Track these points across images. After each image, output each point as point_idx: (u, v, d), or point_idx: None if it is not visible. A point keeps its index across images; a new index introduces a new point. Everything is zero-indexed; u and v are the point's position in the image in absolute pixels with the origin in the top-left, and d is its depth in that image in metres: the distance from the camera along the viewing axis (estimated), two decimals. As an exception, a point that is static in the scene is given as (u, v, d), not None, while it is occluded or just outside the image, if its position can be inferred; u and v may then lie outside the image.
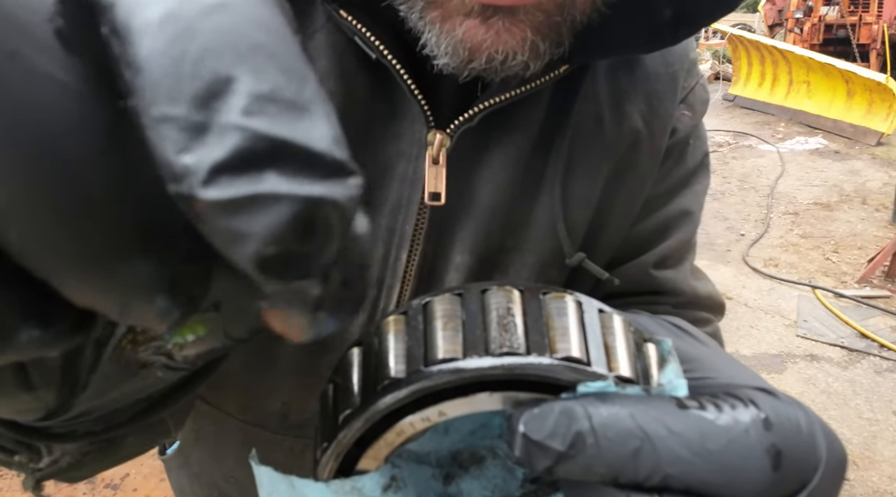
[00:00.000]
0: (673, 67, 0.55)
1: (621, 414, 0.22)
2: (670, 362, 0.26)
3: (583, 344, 0.24)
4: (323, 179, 0.13)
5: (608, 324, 0.26)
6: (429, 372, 0.24)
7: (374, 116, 0.47)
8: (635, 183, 0.54)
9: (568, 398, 0.23)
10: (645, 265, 0.57)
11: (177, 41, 0.13)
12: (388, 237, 0.49)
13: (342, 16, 0.43)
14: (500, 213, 0.50)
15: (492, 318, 0.25)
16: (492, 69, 0.40)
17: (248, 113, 0.13)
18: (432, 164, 0.47)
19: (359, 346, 0.27)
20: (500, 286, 0.26)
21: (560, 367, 0.23)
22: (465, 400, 0.24)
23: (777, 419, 0.23)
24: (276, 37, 0.14)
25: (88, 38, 0.13)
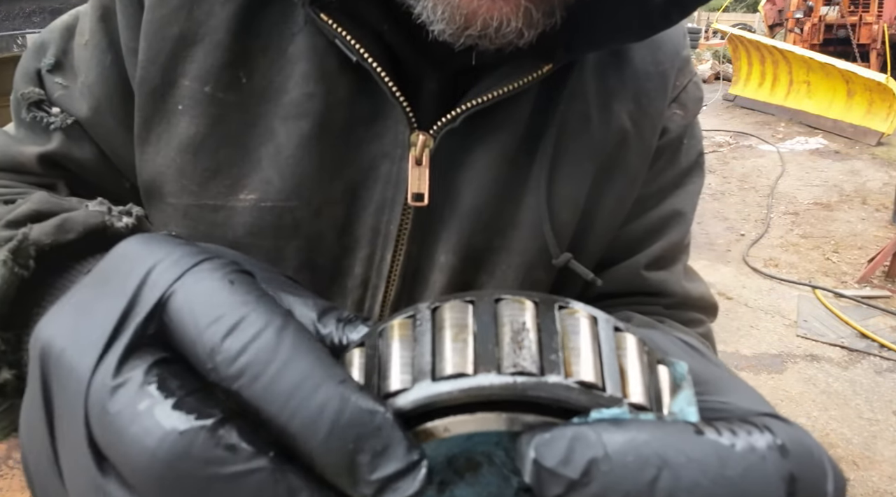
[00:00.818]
0: (663, 66, 0.55)
1: (638, 440, 0.21)
2: (684, 389, 0.25)
3: (598, 366, 0.23)
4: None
5: (622, 344, 0.25)
6: (437, 386, 0.23)
7: (357, 118, 0.48)
8: (624, 183, 0.54)
9: (580, 423, 0.22)
10: (636, 266, 0.57)
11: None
12: (372, 238, 0.49)
13: (322, 19, 0.43)
14: (484, 214, 0.50)
15: (505, 333, 0.24)
16: (487, 36, 0.40)
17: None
18: (415, 165, 0.47)
19: (360, 348, 0.26)
20: (514, 296, 0.25)
21: (575, 391, 0.22)
22: (471, 418, 0.23)
23: (792, 446, 0.22)
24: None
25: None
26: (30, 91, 0.51)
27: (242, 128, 0.47)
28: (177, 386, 0.21)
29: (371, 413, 0.21)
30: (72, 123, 0.51)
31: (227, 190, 0.48)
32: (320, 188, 0.47)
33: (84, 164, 0.51)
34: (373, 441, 0.20)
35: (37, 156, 0.50)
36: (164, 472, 0.19)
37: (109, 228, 0.36)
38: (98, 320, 0.22)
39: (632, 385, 0.24)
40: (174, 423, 0.20)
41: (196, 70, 0.46)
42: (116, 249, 0.24)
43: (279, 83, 0.47)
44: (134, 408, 0.20)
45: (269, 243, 0.48)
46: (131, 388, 0.21)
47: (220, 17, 0.46)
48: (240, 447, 0.20)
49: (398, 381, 0.23)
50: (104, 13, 0.49)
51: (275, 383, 0.20)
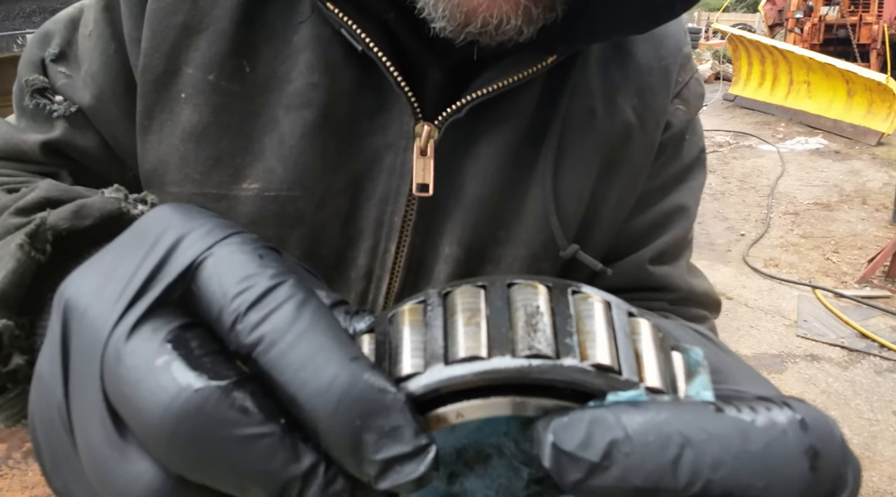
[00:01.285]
0: (665, 61, 0.55)
1: (657, 419, 0.21)
2: (700, 373, 0.24)
3: (613, 350, 0.23)
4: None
5: (637, 329, 0.24)
6: (450, 370, 0.22)
7: (361, 108, 0.47)
8: (628, 176, 0.54)
9: (597, 406, 0.21)
10: (641, 261, 0.57)
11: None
12: (376, 229, 0.49)
13: (329, 8, 0.43)
14: (489, 205, 0.50)
15: (518, 316, 0.23)
16: (487, 33, 0.41)
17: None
18: (420, 156, 0.47)
19: (370, 334, 0.25)
20: (527, 281, 0.24)
21: (591, 374, 0.22)
22: (484, 402, 0.22)
23: (812, 421, 0.22)
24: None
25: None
26: (34, 78, 0.51)
27: (246, 117, 0.47)
28: (196, 347, 0.21)
29: (381, 392, 0.20)
30: (75, 111, 0.51)
31: (229, 179, 0.48)
32: (324, 179, 0.47)
33: (87, 153, 0.51)
34: (381, 420, 0.20)
35: (40, 144, 0.50)
36: (175, 428, 0.19)
37: (126, 215, 0.36)
38: (124, 280, 0.22)
39: (647, 369, 0.23)
40: (190, 381, 0.20)
41: (200, 59, 0.47)
42: (150, 214, 0.24)
43: (283, 73, 0.47)
44: (151, 362, 0.20)
45: (271, 233, 0.48)
46: (150, 344, 0.21)
47: (225, 6, 0.46)
48: (252, 411, 0.20)
49: (410, 365, 0.23)
50: (108, 3, 0.50)
51: (288, 353, 0.20)
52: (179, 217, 0.24)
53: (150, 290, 0.22)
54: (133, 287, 0.22)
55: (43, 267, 0.31)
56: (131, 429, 0.21)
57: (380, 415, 0.20)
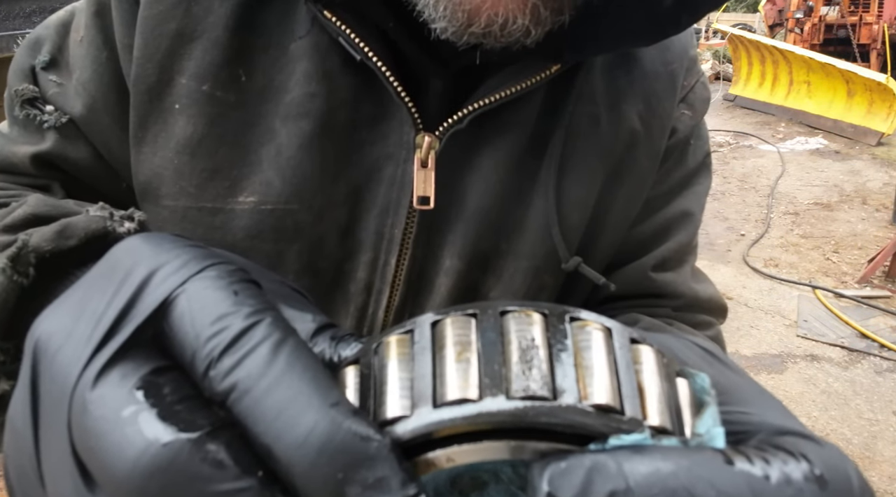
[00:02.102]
0: (672, 66, 0.54)
1: (663, 471, 0.19)
2: (709, 405, 0.23)
3: (615, 386, 0.21)
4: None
5: (640, 358, 0.23)
6: (438, 414, 0.20)
7: (360, 118, 0.46)
8: (633, 185, 0.53)
9: (597, 450, 0.20)
10: (644, 268, 0.56)
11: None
12: (376, 241, 0.48)
13: (326, 16, 0.42)
14: (491, 217, 0.49)
15: (512, 351, 0.21)
16: (491, 34, 0.38)
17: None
18: (420, 168, 0.46)
19: (354, 365, 0.23)
20: (521, 308, 0.23)
21: (591, 416, 0.20)
22: (476, 447, 0.21)
23: (831, 476, 0.20)
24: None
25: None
26: (23, 88, 0.50)
27: (242, 128, 0.46)
28: (168, 393, 0.20)
29: (364, 440, 0.19)
30: (66, 122, 0.49)
31: (225, 192, 0.46)
32: (322, 190, 0.46)
33: (78, 164, 0.50)
34: (364, 472, 0.19)
35: (30, 156, 0.49)
36: (144, 486, 0.18)
37: (111, 234, 0.35)
38: (93, 320, 0.21)
39: (652, 405, 0.21)
40: (158, 434, 0.19)
41: (194, 68, 0.45)
42: (121, 245, 0.23)
43: (280, 82, 0.46)
44: (118, 413, 0.19)
45: (269, 247, 0.47)
46: (117, 392, 0.19)
47: (219, 13, 0.45)
48: (227, 464, 0.19)
49: (397, 407, 0.21)
50: (99, 9, 0.48)
51: (263, 401, 0.19)
52: (151, 248, 0.22)
53: (120, 332, 0.21)
54: (102, 328, 0.21)
55: (27, 289, 0.30)
56: (99, 484, 0.20)
57: (363, 465, 0.19)
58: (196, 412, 0.20)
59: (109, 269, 0.23)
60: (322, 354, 0.24)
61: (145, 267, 0.22)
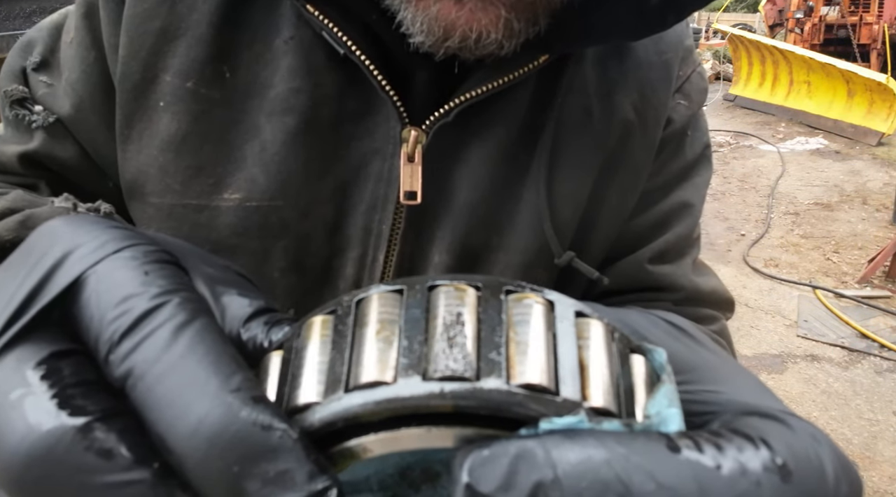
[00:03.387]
0: (666, 55, 0.53)
1: (595, 459, 0.17)
2: (663, 383, 0.20)
3: (550, 364, 0.19)
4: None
5: (585, 333, 0.20)
6: (347, 401, 0.18)
7: (346, 113, 0.46)
8: (628, 177, 0.52)
9: (527, 435, 0.18)
10: (640, 260, 0.55)
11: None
12: (364, 237, 0.48)
13: (309, 11, 0.42)
14: (480, 211, 0.48)
15: (436, 327, 0.19)
16: (466, 48, 0.40)
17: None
18: (407, 162, 0.46)
19: (280, 350, 0.22)
20: (452, 281, 0.21)
21: (519, 397, 0.18)
22: (391, 435, 0.19)
23: (797, 466, 0.18)
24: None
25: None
26: (13, 89, 0.50)
27: (226, 124, 0.46)
28: (66, 377, 0.19)
29: (266, 429, 0.17)
30: (54, 122, 0.50)
31: (210, 189, 0.46)
32: (308, 187, 0.46)
33: (65, 164, 0.50)
34: (264, 464, 0.17)
35: (17, 155, 0.49)
36: (21, 476, 0.17)
37: None
38: (3, 301, 0.20)
39: (594, 384, 0.19)
40: (40, 419, 0.17)
41: (178, 65, 0.45)
42: (41, 228, 0.22)
43: (264, 78, 0.46)
44: (5, 396, 0.18)
45: (255, 244, 0.47)
46: (10, 375, 0.19)
47: (203, 10, 0.45)
48: (117, 453, 0.17)
49: (311, 393, 0.19)
50: (88, 10, 0.49)
51: (156, 387, 0.18)
52: (70, 230, 0.22)
53: (27, 313, 0.20)
54: (9, 309, 0.20)
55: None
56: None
57: (263, 458, 0.17)
58: (91, 397, 0.18)
59: (27, 251, 0.22)
60: (253, 339, 0.22)
61: (61, 247, 0.21)
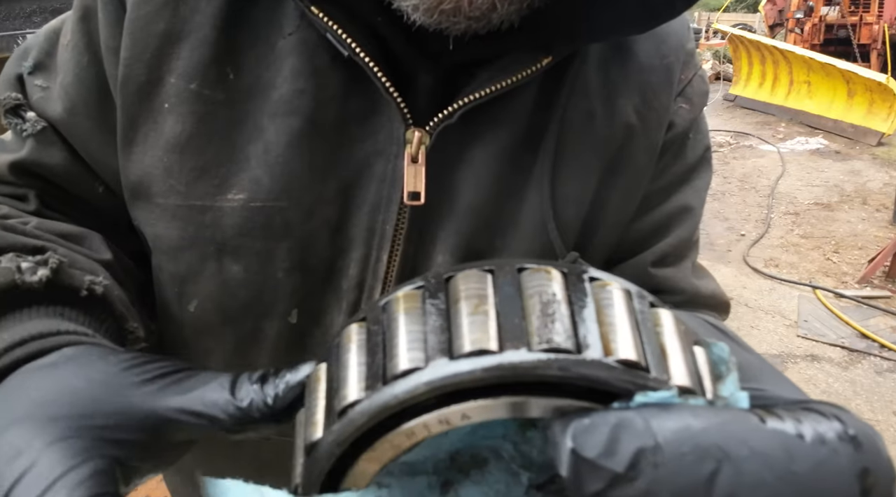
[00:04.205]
0: (668, 59, 0.53)
1: (694, 428, 0.18)
2: (730, 372, 0.22)
3: (639, 343, 0.20)
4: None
5: (660, 321, 0.22)
6: (455, 365, 0.19)
7: (349, 115, 0.46)
8: (630, 180, 0.53)
9: (623, 408, 0.19)
10: (643, 263, 0.56)
11: None
12: (367, 238, 0.48)
13: (313, 12, 0.42)
14: (484, 212, 0.49)
15: (532, 304, 0.20)
16: (460, 11, 0.39)
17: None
18: (411, 163, 0.46)
19: (360, 322, 0.22)
20: (539, 265, 0.22)
21: (617, 371, 0.19)
22: (494, 402, 0.19)
23: (864, 438, 0.20)
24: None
25: None
26: (6, 97, 0.50)
27: (230, 125, 0.46)
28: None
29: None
30: (42, 128, 0.50)
31: (214, 189, 0.46)
32: (311, 187, 0.46)
33: (54, 169, 0.50)
34: None
35: (8, 164, 0.49)
36: None
37: (21, 286, 0.36)
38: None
39: (675, 365, 0.21)
40: None
41: (182, 67, 0.45)
42: (3, 437, 0.25)
43: (268, 79, 0.46)
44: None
45: (259, 245, 0.47)
46: None
47: (206, 12, 0.45)
48: None
49: (408, 360, 0.20)
50: (84, 13, 0.49)
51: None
52: (26, 445, 0.24)
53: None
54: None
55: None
56: None
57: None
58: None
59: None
60: (252, 404, 0.24)
61: (11, 474, 0.23)
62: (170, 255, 0.48)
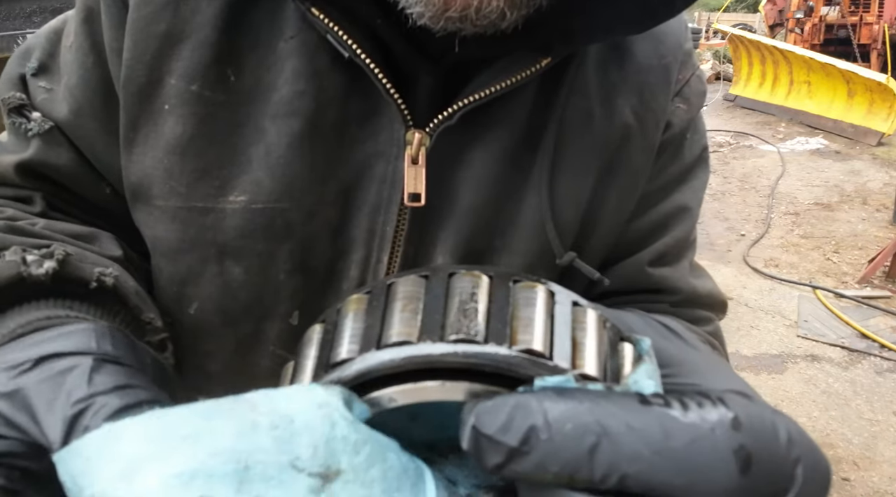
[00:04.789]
0: (666, 59, 0.53)
1: (579, 409, 0.21)
2: (644, 362, 0.25)
3: (547, 337, 0.23)
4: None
5: (581, 318, 0.25)
6: (380, 354, 0.23)
7: (350, 116, 0.46)
8: (628, 180, 0.53)
9: (524, 392, 0.22)
10: (640, 263, 0.56)
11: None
12: (368, 239, 0.48)
13: (314, 14, 0.42)
14: (483, 213, 0.49)
15: (453, 303, 0.24)
16: (467, 18, 0.39)
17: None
18: (411, 165, 0.46)
19: (322, 323, 0.26)
20: (469, 270, 0.25)
21: (518, 359, 0.22)
22: (415, 386, 0.23)
23: (748, 420, 0.22)
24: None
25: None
26: (10, 96, 0.50)
27: (231, 127, 0.46)
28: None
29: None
30: (49, 128, 0.49)
31: (216, 191, 0.46)
32: (312, 189, 0.46)
33: (60, 170, 0.50)
34: None
35: (14, 165, 0.49)
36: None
37: (27, 279, 0.37)
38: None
39: (584, 356, 0.24)
40: None
41: (183, 68, 0.45)
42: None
43: (269, 81, 0.46)
44: None
45: (260, 246, 0.47)
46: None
47: (207, 13, 0.45)
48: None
49: (345, 351, 0.24)
50: (88, 14, 0.48)
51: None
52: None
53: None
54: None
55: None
56: None
57: None
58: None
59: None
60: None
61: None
62: (169, 258, 0.48)
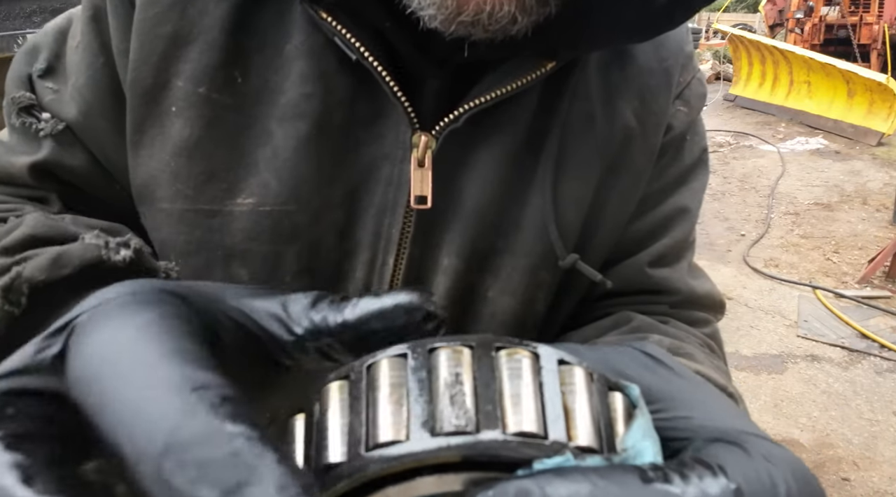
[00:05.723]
0: (667, 62, 0.54)
1: (581, 493, 0.20)
2: (637, 418, 0.24)
3: (539, 412, 0.23)
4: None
5: (569, 380, 0.24)
6: (369, 458, 0.22)
7: (356, 119, 0.47)
8: (629, 182, 0.53)
9: (524, 476, 0.21)
10: (640, 264, 0.56)
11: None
12: (374, 241, 0.48)
13: (322, 17, 0.42)
14: (488, 215, 0.49)
15: (438, 388, 0.23)
16: (479, 23, 0.39)
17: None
18: (417, 167, 0.46)
19: (302, 414, 0.25)
20: (450, 344, 0.24)
21: (513, 444, 0.22)
22: (410, 484, 0.22)
23: (749, 488, 0.21)
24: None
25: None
26: (20, 96, 0.50)
27: (238, 130, 0.46)
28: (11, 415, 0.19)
29: (228, 436, 0.17)
30: (62, 129, 0.49)
31: (223, 194, 0.47)
32: (319, 191, 0.47)
33: (75, 171, 0.50)
34: (225, 472, 0.16)
35: (28, 166, 0.49)
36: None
37: (106, 263, 0.36)
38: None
39: (579, 425, 0.23)
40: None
41: (190, 70, 0.45)
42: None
43: (276, 83, 0.46)
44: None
45: (267, 249, 0.47)
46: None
47: (214, 15, 0.45)
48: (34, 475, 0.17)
49: (335, 453, 0.23)
50: (95, 14, 0.48)
51: (109, 387, 0.18)
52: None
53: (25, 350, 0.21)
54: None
55: (19, 318, 0.31)
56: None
57: (223, 464, 0.17)
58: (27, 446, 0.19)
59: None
60: (325, 319, 0.25)
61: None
62: (175, 260, 0.48)
